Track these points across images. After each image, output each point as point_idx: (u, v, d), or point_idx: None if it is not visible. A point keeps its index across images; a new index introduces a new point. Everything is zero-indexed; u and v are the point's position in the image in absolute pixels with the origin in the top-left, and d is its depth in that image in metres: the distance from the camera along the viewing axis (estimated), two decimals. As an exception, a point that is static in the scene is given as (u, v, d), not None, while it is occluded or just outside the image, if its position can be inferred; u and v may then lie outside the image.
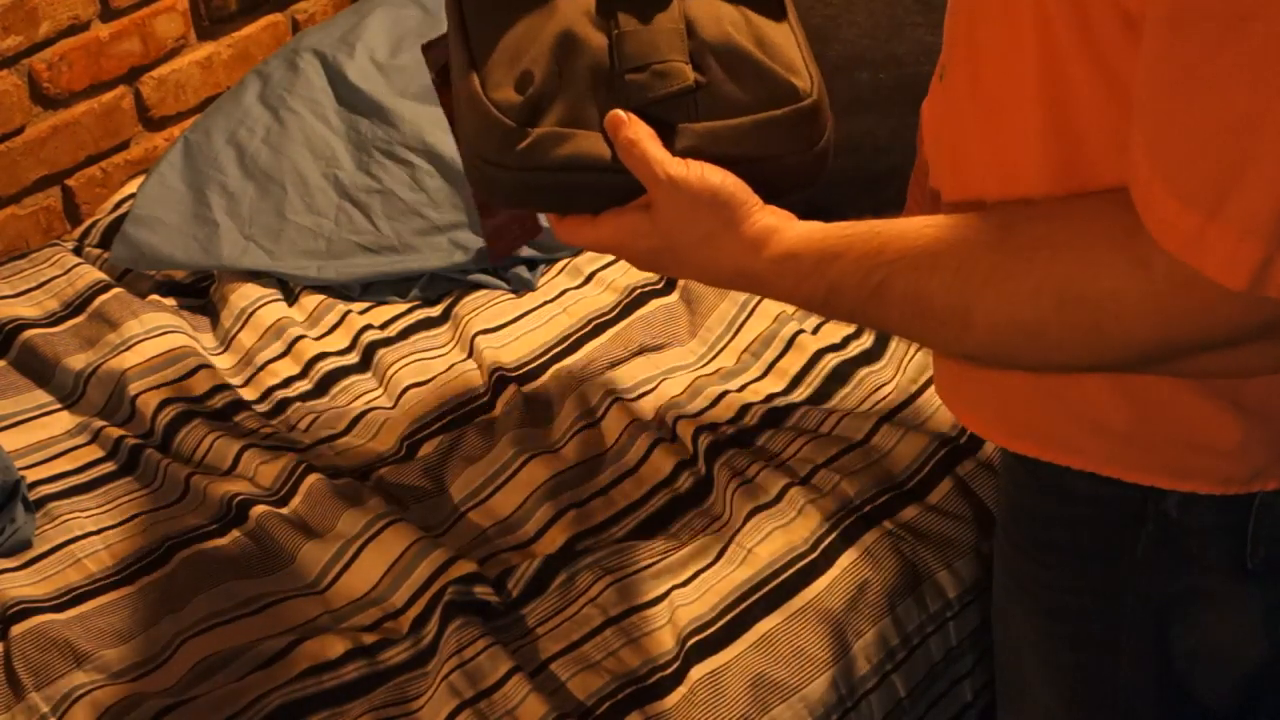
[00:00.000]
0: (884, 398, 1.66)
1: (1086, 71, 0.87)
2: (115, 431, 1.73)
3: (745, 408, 1.66)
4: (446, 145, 1.97)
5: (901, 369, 1.69)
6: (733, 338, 1.77)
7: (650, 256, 1.06)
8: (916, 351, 1.72)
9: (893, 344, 1.74)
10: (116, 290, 1.90)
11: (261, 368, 1.83)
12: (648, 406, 1.67)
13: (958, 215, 0.93)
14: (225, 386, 1.78)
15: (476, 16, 1.12)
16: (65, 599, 1.52)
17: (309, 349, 1.84)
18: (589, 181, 1.06)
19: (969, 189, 0.99)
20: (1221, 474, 0.99)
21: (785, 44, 1.11)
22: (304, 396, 1.79)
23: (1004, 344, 0.90)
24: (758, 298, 1.78)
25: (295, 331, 1.86)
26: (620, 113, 1.04)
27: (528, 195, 1.10)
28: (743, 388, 1.69)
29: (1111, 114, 0.86)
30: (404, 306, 1.92)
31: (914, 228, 0.93)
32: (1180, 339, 0.83)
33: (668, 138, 1.05)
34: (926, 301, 0.92)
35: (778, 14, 1.13)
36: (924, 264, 0.91)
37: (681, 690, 1.39)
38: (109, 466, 1.70)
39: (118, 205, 2.08)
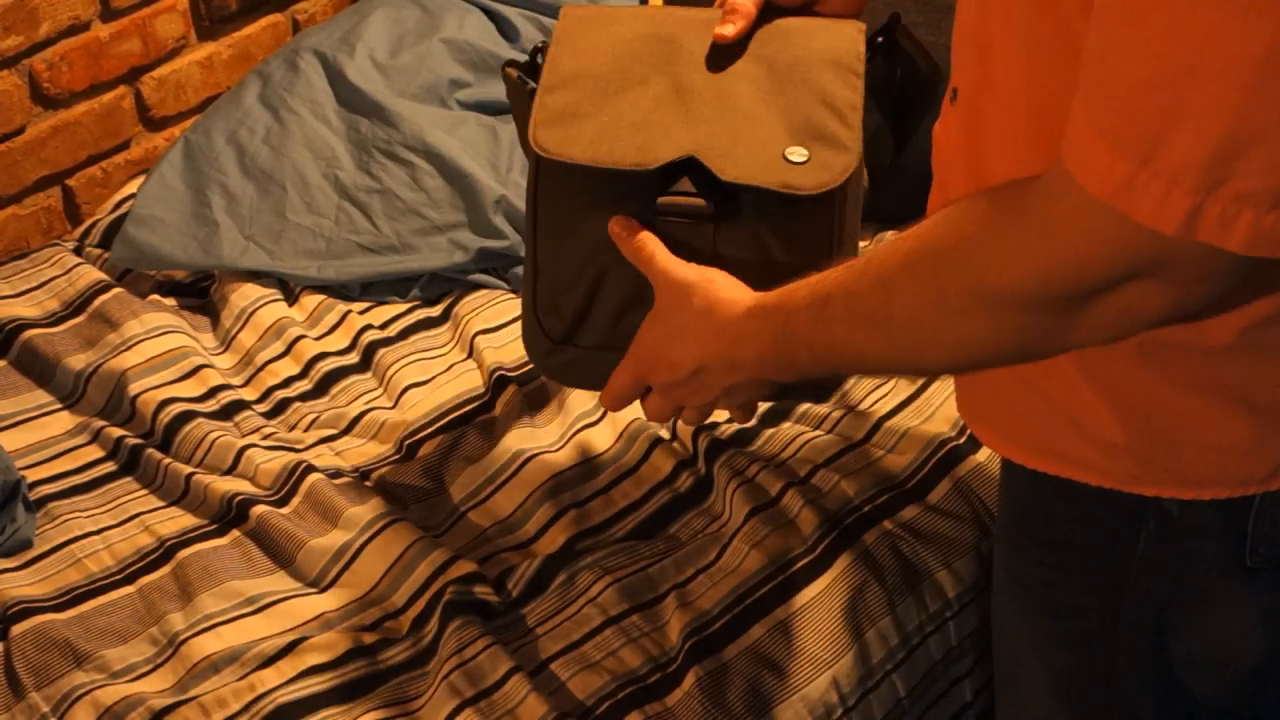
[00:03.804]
0: (884, 397, 1.66)
1: (1067, 72, 0.88)
2: (115, 431, 1.73)
3: (745, 408, 1.66)
4: (446, 145, 1.97)
5: (901, 369, 1.70)
6: (733, 338, 1.77)
7: (658, 343, 1.13)
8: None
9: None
10: (116, 290, 1.90)
11: (262, 368, 1.83)
12: (648, 406, 1.67)
13: None
14: (225, 386, 1.79)
15: (544, 233, 1.24)
16: (65, 599, 1.52)
17: (309, 349, 1.84)
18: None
19: None
20: (1239, 475, 0.99)
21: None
22: (304, 396, 1.79)
23: (921, 326, 0.92)
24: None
25: (295, 331, 1.86)
26: (625, 219, 1.15)
27: (569, 378, 1.31)
28: (743, 388, 1.69)
29: None
30: (404, 306, 1.92)
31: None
32: (1058, 284, 0.84)
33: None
34: (857, 305, 0.95)
35: None
36: (856, 270, 0.96)
37: (681, 690, 1.39)
38: (109, 466, 1.70)
39: (118, 205, 2.08)
